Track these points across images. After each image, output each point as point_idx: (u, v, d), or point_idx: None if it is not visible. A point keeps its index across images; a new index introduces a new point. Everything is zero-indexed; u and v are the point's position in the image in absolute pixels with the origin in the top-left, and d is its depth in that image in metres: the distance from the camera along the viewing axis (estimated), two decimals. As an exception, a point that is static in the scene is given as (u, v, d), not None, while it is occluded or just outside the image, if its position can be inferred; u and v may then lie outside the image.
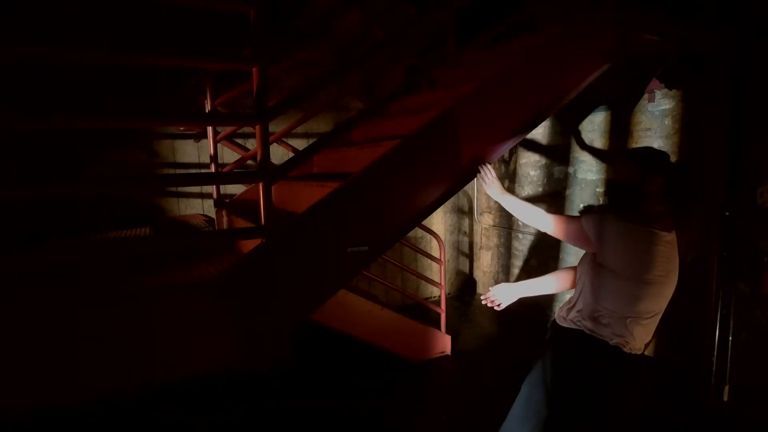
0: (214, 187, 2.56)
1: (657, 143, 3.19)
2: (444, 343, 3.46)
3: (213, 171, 2.57)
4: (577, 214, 1.73)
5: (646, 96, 3.23)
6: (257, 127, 1.54)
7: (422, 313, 3.70)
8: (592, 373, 1.58)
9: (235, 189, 3.16)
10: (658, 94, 3.16)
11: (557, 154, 4.01)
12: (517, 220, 4.51)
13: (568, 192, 3.92)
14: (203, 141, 3.38)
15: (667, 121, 3.13)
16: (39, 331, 1.33)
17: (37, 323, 1.33)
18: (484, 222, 4.99)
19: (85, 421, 2.29)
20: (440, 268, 3.59)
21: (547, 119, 3.79)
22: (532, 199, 4.30)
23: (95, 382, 1.40)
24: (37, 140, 2.79)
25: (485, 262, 5.03)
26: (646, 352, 1.72)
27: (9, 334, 1.29)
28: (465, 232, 5.09)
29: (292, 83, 3.26)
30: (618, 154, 1.70)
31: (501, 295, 1.88)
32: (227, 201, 2.68)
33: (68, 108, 2.63)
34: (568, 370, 1.62)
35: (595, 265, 1.65)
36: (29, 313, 1.34)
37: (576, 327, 1.65)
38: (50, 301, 1.43)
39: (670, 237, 1.59)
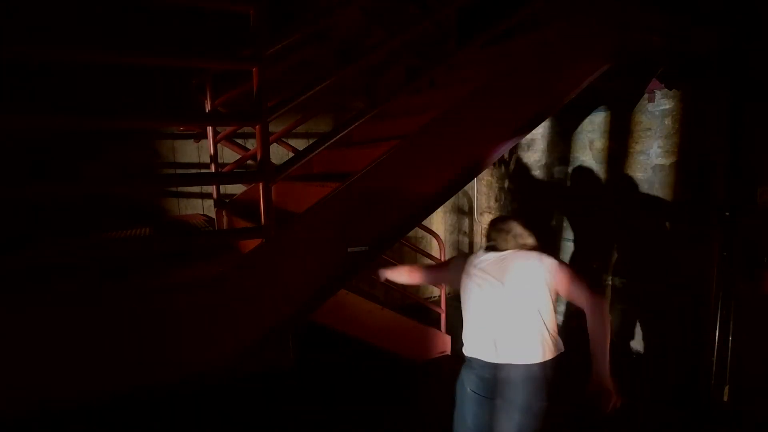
0: (214, 187, 2.55)
1: (657, 143, 3.20)
2: (444, 343, 3.46)
3: (213, 171, 2.57)
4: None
5: (646, 96, 3.23)
6: (257, 127, 1.54)
7: (422, 313, 3.70)
8: None
9: (235, 189, 3.16)
10: (658, 94, 3.16)
11: (557, 154, 4.01)
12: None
13: (568, 192, 3.92)
14: (203, 141, 3.38)
15: (667, 121, 3.13)
16: (34, 331, 1.33)
17: (33, 324, 1.33)
18: (484, 222, 4.99)
19: (85, 421, 2.29)
20: (440, 268, 3.59)
21: (547, 119, 3.80)
22: (532, 199, 4.30)
23: (91, 382, 1.41)
24: (37, 140, 2.79)
25: (485, 262, 5.02)
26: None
27: (11, 334, 1.29)
28: (465, 232, 5.09)
29: (292, 83, 3.26)
30: None
31: None
32: (227, 201, 2.67)
33: (68, 108, 2.63)
34: None
35: None
36: (29, 312, 1.34)
37: None
38: (44, 301, 1.43)
39: None
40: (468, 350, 1.74)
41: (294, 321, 1.70)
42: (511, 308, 1.63)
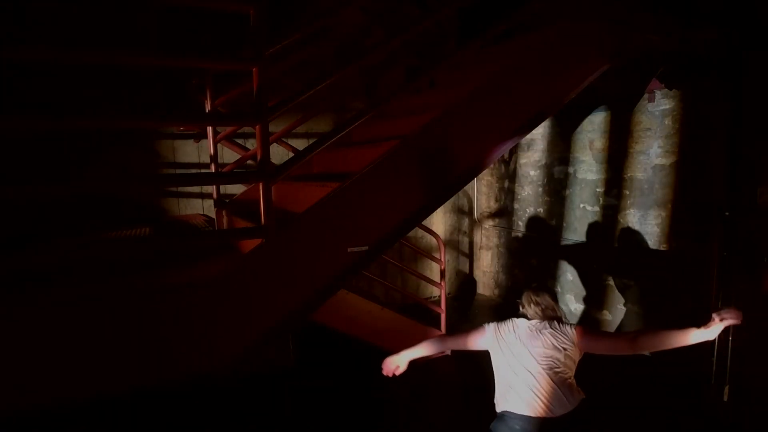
0: (214, 187, 2.56)
1: (657, 143, 3.20)
2: (444, 343, 3.46)
3: (213, 171, 2.57)
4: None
5: (646, 96, 3.23)
6: (257, 127, 1.54)
7: (422, 313, 3.70)
8: None
9: (235, 189, 3.16)
10: (658, 94, 3.16)
11: (557, 154, 4.01)
12: (517, 220, 4.51)
13: (568, 192, 3.92)
14: (203, 141, 3.38)
15: (667, 121, 3.13)
16: (35, 332, 1.33)
17: (33, 324, 1.33)
18: (484, 222, 4.99)
19: (84, 420, 2.29)
20: (440, 268, 3.59)
21: (547, 119, 3.80)
22: (532, 199, 4.29)
23: (91, 382, 1.41)
24: (38, 140, 2.79)
25: (485, 262, 5.03)
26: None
27: (11, 334, 1.29)
28: (465, 232, 5.09)
29: (292, 83, 3.26)
30: None
31: (393, 364, 2.05)
32: (227, 201, 2.67)
33: (69, 108, 2.63)
34: None
35: None
36: (30, 312, 1.34)
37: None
38: (45, 301, 1.43)
39: None
40: (509, 406, 1.81)
41: (294, 321, 1.70)
42: (549, 372, 1.77)
